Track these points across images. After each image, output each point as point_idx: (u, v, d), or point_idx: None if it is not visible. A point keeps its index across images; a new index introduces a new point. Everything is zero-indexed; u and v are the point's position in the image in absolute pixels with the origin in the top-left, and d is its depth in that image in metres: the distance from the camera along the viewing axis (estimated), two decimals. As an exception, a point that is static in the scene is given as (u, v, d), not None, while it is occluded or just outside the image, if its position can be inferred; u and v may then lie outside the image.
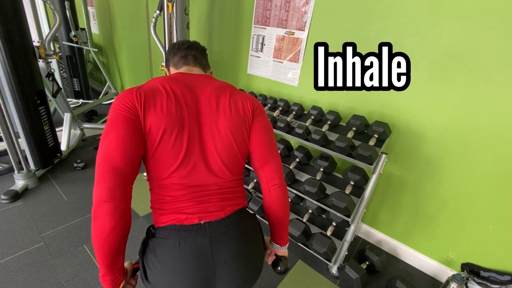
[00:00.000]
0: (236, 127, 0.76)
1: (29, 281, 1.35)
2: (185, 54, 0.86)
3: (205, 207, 0.72)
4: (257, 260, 0.79)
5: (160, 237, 0.70)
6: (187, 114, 0.71)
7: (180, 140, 0.69)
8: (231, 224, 0.72)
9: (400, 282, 1.41)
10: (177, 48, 0.87)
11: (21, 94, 1.87)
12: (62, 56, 3.52)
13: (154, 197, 0.76)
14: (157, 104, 0.68)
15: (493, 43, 1.21)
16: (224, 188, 0.77)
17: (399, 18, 1.43)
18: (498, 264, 1.44)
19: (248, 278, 0.76)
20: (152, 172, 0.72)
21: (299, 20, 1.81)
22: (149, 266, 0.69)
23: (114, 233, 0.61)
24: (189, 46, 0.87)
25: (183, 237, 0.67)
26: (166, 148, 0.68)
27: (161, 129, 0.67)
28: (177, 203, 0.72)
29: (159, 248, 0.68)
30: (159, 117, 0.67)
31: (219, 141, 0.74)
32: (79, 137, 2.78)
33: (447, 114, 1.40)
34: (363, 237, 1.95)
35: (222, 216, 0.72)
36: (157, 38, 2.20)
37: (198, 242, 0.67)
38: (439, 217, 1.57)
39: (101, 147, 0.63)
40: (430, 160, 1.52)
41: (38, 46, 2.03)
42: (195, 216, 0.70)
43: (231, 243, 0.71)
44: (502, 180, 1.33)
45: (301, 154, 1.81)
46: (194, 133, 0.71)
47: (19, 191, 1.92)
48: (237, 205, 0.78)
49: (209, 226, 0.70)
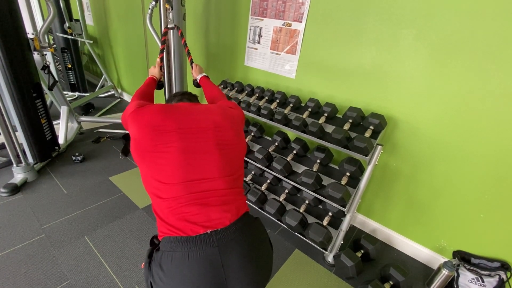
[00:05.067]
0: (229, 128, 0.87)
1: (32, 272, 1.38)
2: (181, 98, 1.09)
3: (207, 213, 0.72)
4: (266, 261, 0.81)
5: (167, 251, 0.69)
6: (181, 125, 0.80)
7: (178, 149, 0.76)
8: (238, 231, 0.73)
9: (394, 269, 1.45)
10: (173, 96, 1.12)
11: (17, 87, 1.86)
12: (57, 48, 3.47)
13: (154, 199, 0.77)
14: (152, 116, 0.82)
15: (488, 35, 1.22)
16: (225, 189, 0.78)
17: (396, 9, 1.42)
18: (488, 252, 1.49)
19: (260, 280, 0.77)
20: (151, 174, 0.76)
21: (296, 11, 1.80)
22: (156, 283, 0.70)
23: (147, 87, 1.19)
24: (184, 93, 1.13)
25: (191, 249, 0.68)
26: (165, 156, 0.75)
27: (157, 136, 0.77)
28: (179, 207, 0.72)
29: (167, 262, 0.68)
30: (159, 120, 0.80)
31: (216, 153, 0.80)
32: (77, 130, 2.77)
33: (442, 105, 1.42)
34: (359, 227, 2.00)
35: (227, 223, 0.73)
36: (154, 30, 2.18)
37: (207, 251, 0.68)
38: (432, 206, 1.61)
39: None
40: (425, 151, 1.54)
41: (32, 39, 2.00)
42: (200, 226, 0.70)
43: (239, 248, 0.72)
44: (493, 171, 1.36)
45: (298, 146, 1.83)
46: (190, 142, 0.78)
47: (18, 184, 1.93)
48: (240, 209, 0.79)
49: (216, 234, 0.70)
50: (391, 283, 1.44)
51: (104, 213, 1.83)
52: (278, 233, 1.84)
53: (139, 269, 1.46)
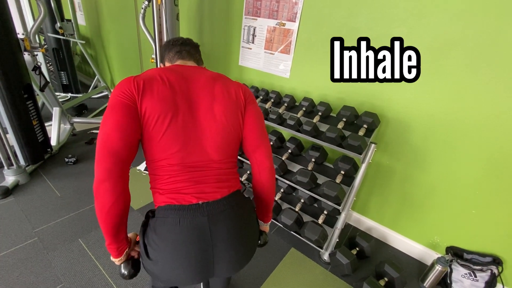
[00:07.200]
0: (230, 112, 0.81)
1: (25, 276, 1.36)
2: (180, 49, 0.91)
3: (201, 188, 0.76)
4: (252, 237, 0.85)
5: (161, 217, 0.73)
6: (182, 100, 0.75)
7: (175, 123, 0.73)
8: (228, 204, 0.77)
9: (388, 266, 1.47)
10: (171, 45, 0.92)
11: (8, 89, 1.82)
12: (48, 48, 3.42)
13: (153, 178, 0.79)
14: (153, 90, 0.72)
15: (478, 34, 1.24)
16: (219, 169, 0.80)
17: (388, 8, 1.44)
18: (480, 247, 1.52)
19: (244, 253, 0.81)
20: (149, 155, 0.76)
21: (290, 11, 1.80)
22: (150, 244, 0.73)
23: (114, 208, 0.67)
24: (183, 42, 0.93)
25: (182, 216, 0.71)
26: (161, 131, 0.72)
27: (156, 113, 0.71)
28: (175, 183, 0.75)
29: (160, 226, 0.73)
30: (155, 102, 0.71)
31: (214, 125, 0.78)
32: (70, 132, 2.74)
33: (434, 103, 1.44)
34: (354, 225, 2.01)
35: (218, 197, 0.77)
36: (147, 30, 2.17)
37: (197, 220, 0.72)
38: (426, 203, 1.64)
39: (101, 130, 0.68)
40: (417, 149, 1.56)
41: (23, 39, 1.97)
42: (193, 196, 0.74)
43: (228, 221, 0.75)
44: (484, 168, 1.39)
45: (293, 145, 1.84)
46: (189, 117, 0.75)
47: (9, 187, 1.90)
48: (232, 187, 0.82)
49: (207, 205, 0.74)
50: (386, 280, 1.45)
51: (98, 215, 1.80)
52: (274, 232, 1.84)
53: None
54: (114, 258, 0.78)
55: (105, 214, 0.67)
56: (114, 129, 0.67)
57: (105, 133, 0.67)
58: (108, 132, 0.67)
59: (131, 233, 0.85)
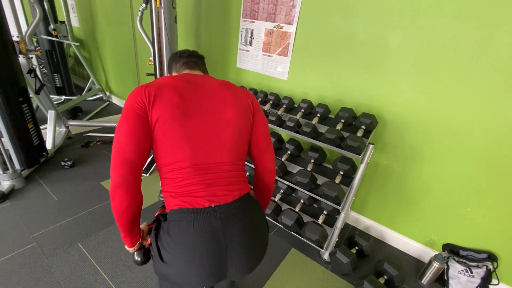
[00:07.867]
0: (241, 117, 0.85)
1: (24, 281, 1.34)
2: (187, 60, 0.97)
3: (213, 191, 0.78)
4: (263, 239, 0.86)
5: (174, 220, 0.75)
6: (193, 105, 0.78)
7: (186, 127, 0.76)
8: (239, 207, 0.80)
9: (387, 264, 1.50)
10: (179, 56, 0.98)
11: (2, 92, 1.79)
12: (42, 50, 3.37)
13: (164, 181, 0.81)
14: (164, 97, 0.75)
15: (470, 37, 1.28)
16: (230, 171, 0.82)
17: (384, 12, 1.47)
18: (476, 244, 1.56)
19: (255, 255, 0.82)
20: (161, 159, 0.78)
21: (287, 14, 1.83)
22: (164, 247, 0.75)
23: (129, 210, 0.75)
24: (190, 54, 0.99)
25: (196, 219, 0.73)
26: (172, 136, 0.75)
27: (167, 120, 0.74)
28: (187, 186, 0.77)
29: (174, 229, 0.74)
30: (166, 109, 0.74)
31: (226, 128, 0.81)
32: (65, 135, 2.70)
33: (430, 104, 1.48)
34: (353, 224, 2.04)
35: (230, 200, 0.79)
36: (144, 32, 2.16)
37: (210, 222, 0.74)
38: (422, 202, 1.67)
39: (115, 140, 0.74)
40: (414, 149, 1.60)
41: (18, 41, 1.94)
42: (205, 199, 0.76)
43: (240, 223, 0.78)
44: (478, 167, 1.43)
45: (292, 146, 1.85)
46: (200, 121, 0.78)
47: (5, 191, 1.86)
48: (243, 190, 0.85)
49: (219, 208, 0.76)
50: (386, 278, 1.48)
51: (97, 219, 1.79)
52: (274, 233, 1.85)
53: (136, 274, 1.44)
54: (128, 247, 0.87)
55: (121, 214, 0.75)
56: (127, 138, 0.73)
57: (119, 142, 0.73)
58: (121, 141, 0.73)
59: (143, 224, 0.92)
